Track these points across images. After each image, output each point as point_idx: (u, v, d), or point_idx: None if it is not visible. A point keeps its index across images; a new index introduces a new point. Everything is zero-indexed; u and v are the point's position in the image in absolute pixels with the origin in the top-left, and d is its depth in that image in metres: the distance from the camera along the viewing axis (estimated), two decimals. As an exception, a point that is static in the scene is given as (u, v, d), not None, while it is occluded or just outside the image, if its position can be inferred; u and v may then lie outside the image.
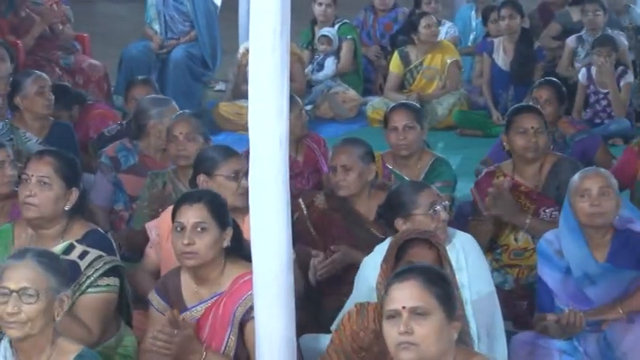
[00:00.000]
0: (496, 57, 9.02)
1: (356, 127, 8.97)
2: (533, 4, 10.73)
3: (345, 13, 10.22)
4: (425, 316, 3.30)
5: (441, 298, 3.33)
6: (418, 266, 3.51)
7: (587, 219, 4.53)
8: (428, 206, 4.47)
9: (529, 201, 5.42)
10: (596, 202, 4.50)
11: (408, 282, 3.35)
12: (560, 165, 5.40)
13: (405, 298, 3.32)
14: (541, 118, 5.50)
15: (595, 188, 4.52)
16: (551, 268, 4.64)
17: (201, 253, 4.03)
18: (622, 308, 4.41)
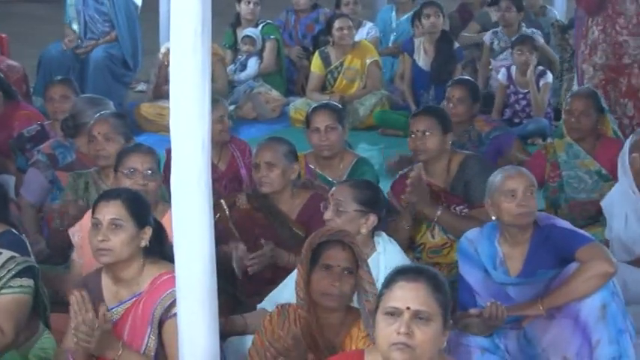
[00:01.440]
0: (417, 57, 9.08)
1: (279, 127, 8.98)
2: (453, 5, 10.83)
3: (266, 14, 10.21)
4: (426, 321, 3.28)
5: (442, 305, 3.32)
6: (424, 268, 3.47)
7: (513, 219, 4.57)
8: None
9: (439, 200, 5.47)
10: (523, 202, 4.54)
11: (417, 284, 3.31)
12: (466, 163, 5.46)
13: (411, 298, 3.28)
14: (429, 121, 5.50)
15: (521, 188, 4.56)
16: (472, 266, 4.67)
17: (115, 250, 4.00)
18: (542, 305, 4.45)
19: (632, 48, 6.52)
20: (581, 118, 6.08)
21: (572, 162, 6.14)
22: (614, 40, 6.60)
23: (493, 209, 4.61)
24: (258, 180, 5.26)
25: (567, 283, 4.41)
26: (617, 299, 4.41)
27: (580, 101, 6.10)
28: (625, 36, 6.57)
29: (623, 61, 6.57)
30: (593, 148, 6.13)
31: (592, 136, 6.13)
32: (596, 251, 4.43)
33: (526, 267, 4.59)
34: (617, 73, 6.60)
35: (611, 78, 6.63)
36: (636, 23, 6.48)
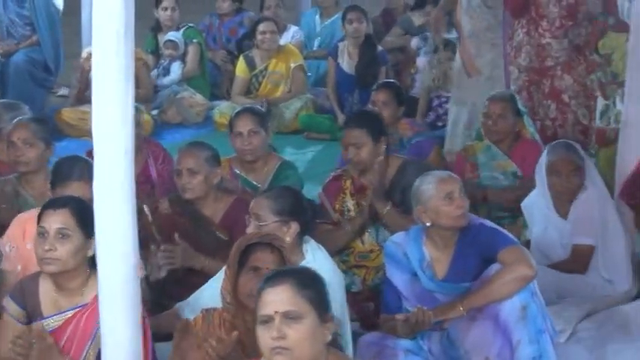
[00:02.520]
0: (341, 61, 9.11)
1: (203, 131, 8.95)
2: (377, 9, 10.89)
3: (189, 17, 10.17)
4: (297, 320, 3.30)
5: (313, 301, 3.34)
6: (290, 269, 3.51)
7: (453, 221, 4.60)
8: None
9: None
10: (461, 204, 4.58)
11: (280, 286, 3.34)
12: (404, 168, 5.48)
13: (277, 302, 3.31)
14: (358, 133, 5.46)
15: (456, 190, 4.60)
16: (399, 269, 4.69)
17: (62, 259, 3.94)
18: (462, 306, 4.48)
19: (555, 50, 6.60)
20: (498, 120, 6.17)
21: (489, 163, 6.22)
22: (537, 43, 6.68)
23: (427, 215, 4.62)
24: (180, 186, 5.24)
25: (488, 284, 4.45)
26: (536, 300, 4.46)
27: (497, 104, 6.19)
28: (548, 38, 6.65)
29: (546, 64, 6.65)
30: (510, 150, 6.22)
31: (510, 138, 6.22)
32: (518, 254, 4.47)
33: (452, 269, 4.63)
34: (541, 75, 6.67)
35: (534, 80, 6.71)
36: (559, 26, 6.56)
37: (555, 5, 6.56)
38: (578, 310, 5.21)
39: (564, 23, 6.56)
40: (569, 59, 6.58)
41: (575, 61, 6.57)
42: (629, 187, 5.65)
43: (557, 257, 5.49)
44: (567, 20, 6.54)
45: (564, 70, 6.60)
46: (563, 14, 6.55)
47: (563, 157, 5.50)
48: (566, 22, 6.55)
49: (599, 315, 5.22)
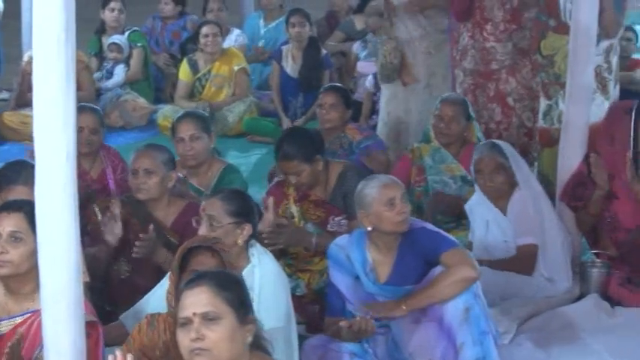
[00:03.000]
0: (285, 64, 9.11)
1: (147, 135, 8.90)
2: (321, 12, 10.91)
3: (132, 20, 10.11)
4: (216, 321, 3.30)
5: (232, 302, 3.34)
6: (209, 272, 3.50)
7: (395, 227, 4.61)
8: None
9: (319, 210, 5.50)
10: (403, 210, 4.59)
11: (198, 288, 3.34)
12: (345, 174, 5.47)
13: (195, 304, 3.32)
14: (295, 152, 5.41)
15: (398, 196, 4.61)
16: (342, 272, 4.71)
17: (14, 262, 3.89)
18: (405, 305, 4.51)
19: (500, 54, 6.65)
20: (450, 124, 6.19)
21: (437, 167, 6.23)
22: (482, 46, 6.72)
23: (369, 219, 4.63)
24: (135, 186, 5.21)
25: (431, 286, 4.48)
26: (479, 302, 4.49)
27: (450, 107, 6.21)
28: (492, 42, 6.69)
29: (490, 67, 6.69)
30: (458, 154, 6.24)
31: (458, 142, 6.24)
32: (460, 256, 4.50)
33: (394, 272, 4.65)
34: (486, 78, 6.71)
35: (479, 83, 6.75)
36: (503, 30, 6.61)
37: (499, 9, 6.61)
38: (522, 312, 5.25)
39: (508, 27, 6.61)
40: (514, 62, 6.63)
41: (520, 64, 6.61)
42: (571, 189, 5.71)
43: (501, 255, 5.53)
44: (511, 24, 6.59)
45: (509, 74, 6.65)
46: (507, 18, 6.60)
47: (485, 156, 5.56)
48: (510, 25, 6.60)
49: (542, 316, 5.27)
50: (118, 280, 5.13)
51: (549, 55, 6.39)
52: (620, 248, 5.59)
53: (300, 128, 5.74)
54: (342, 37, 10.19)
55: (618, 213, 5.56)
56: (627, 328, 5.14)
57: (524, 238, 5.48)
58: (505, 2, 6.59)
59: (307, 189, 5.51)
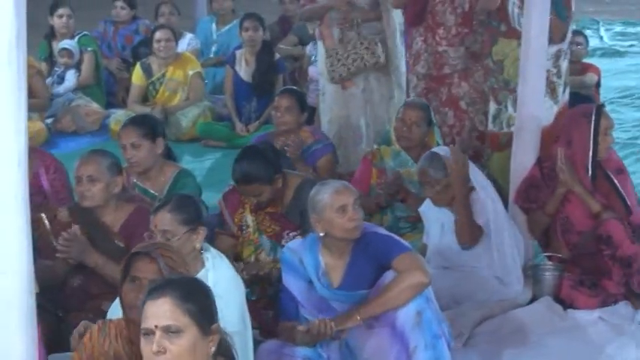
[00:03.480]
0: (238, 69, 9.09)
1: (99, 140, 8.85)
2: (274, 16, 10.90)
3: (82, 25, 10.05)
4: (178, 334, 3.27)
5: (194, 314, 3.30)
6: (173, 281, 3.45)
7: (346, 233, 4.61)
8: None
9: (274, 223, 5.49)
10: (355, 216, 4.59)
11: (161, 299, 3.30)
12: (303, 188, 5.41)
13: (158, 316, 3.28)
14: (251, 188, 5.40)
15: (350, 202, 4.61)
16: (296, 277, 4.70)
17: None
18: (360, 315, 4.51)
19: (452, 58, 6.68)
20: (412, 128, 6.19)
21: (398, 170, 6.23)
22: (434, 50, 6.75)
23: (321, 225, 4.63)
24: (79, 193, 5.17)
25: (383, 293, 4.48)
26: (431, 305, 4.51)
27: (413, 111, 6.21)
28: (444, 46, 6.73)
29: (443, 71, 6.72)
30: (418, 158, 6.23)
31: (419, 146, 6.24)
32: (412, 261, 4.51)
33: (347, 277, 4.65)
34: (438, 82, 6.75)
35: (432, 87, 6.78)
36: (455, 34, 6.64)
37: (452, 13, 6.64)
38: (475, 315, 5.27)
39: (460, 31, 6.64)
40: (467, 67, 6.66)
41: (473, 68, 6.65)
42: (524, 191, 5.75)
43: (456, 258, 5.55)
44: (463, 28, 6.63)
45: (461, 78, 6.68)
46: (459, 22, 6.63)
47: (426, 169, 5.58)
48: (462, 29, 6.63)
49: (495, 320, 5.30)
50: (70, 287, 5.09)
51: (499, 60, 6.44)
52: (572, 251, 5.63)
53: (257, 148, 5.61)
54: (294, 40, 10.19)
55: (570, 215, 5.61)
56: (579, 331, 5.19)
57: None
58: (457, 7, 6.62)
59: (266, 206, 5.48)
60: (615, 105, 10.08)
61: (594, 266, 5.49)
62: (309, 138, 6.74)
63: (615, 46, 13.32)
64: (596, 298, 5.40)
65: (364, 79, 7.36)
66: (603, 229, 5.38)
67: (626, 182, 5.63)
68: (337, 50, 7.33)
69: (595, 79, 8.69)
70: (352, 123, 7.40)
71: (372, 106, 7.39)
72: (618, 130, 8.95)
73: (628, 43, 13.51)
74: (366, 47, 7.26)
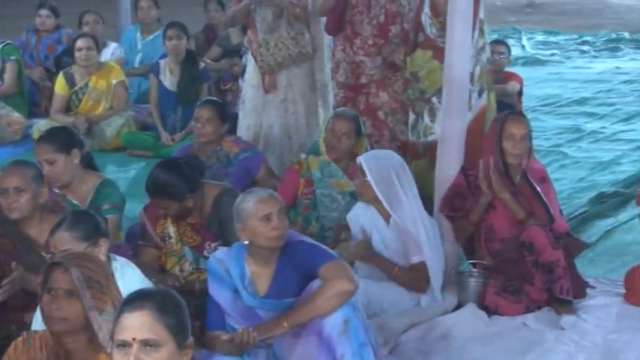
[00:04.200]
0: (163, 78, 9.04)
1: (21, 150, 8.74)
2: (199, 25, 10.87)
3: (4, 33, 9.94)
4: (156, 348, 3.21)
5: (173, 328, 3.25)
6: (153, 292, 3.40)
7: (269, 242, 4.61)
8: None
9: (195, 234, 5.45)
10: (279, 225, 4.59)
11: (140, 311, 3.23)
12: (221, 198, 5.38)
13: (137, 328, 3.21)
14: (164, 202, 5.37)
15: (275, 211, 4.60)
16: (222, 286, 4.69)
17: None
18: (286, 322, 4.52)
19: (369, 68, 6.73)
20: (342, 139, 6.20)
21: (326, 181, 6.23)
22: (352, 60, 6.81)
23: (246, 234, 4.63)
24: (6, 205, 5.09)
25: (310, 300, 4.49)
26: (358, 314, 4.53)
27: (343, 122, 6.20)
28: (362, 56, 6.79)
29: (360, 81, 6.77)
30: (347, 169, 6.24)
31: (347, 157, 6.25)
32: (338, 269, 4.52)
33: (273, 285, 4.65)
34: (356, 92, 6.79)
35: (350, 96, 6.82)
36: (372, 44, 6.69)
37: (368, 24, 6.70)
38: (401, 322, 5.30)
39: (377, 42, 6.69)
40: (384, 77, 6.72)
41: (392, 78, 6.70)
42: (449, 200, 5.79)
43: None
44: (379, 39, 6.68)
45: (379, 88, 6.73)
46: (375, 33, 6.68)
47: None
48: (379, 40, 6.68)
49: (421, 326, 5.33)
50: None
51: (414, 71, 6.51)
52: (495, 258, 5.69)
53: (176, 162, 5.56)
54: (219, 52, 10.17)
55: (494, 223, 5.67)
56: (503, 337, 5.24)
57: (416, 257, 5.51)
58: (373, 18, 6.67)
59: (178, 219, 5.45)
60: (537, 113, 10.23)
61: (518, 273, 5.55)
62: (233, 147, 6.72)
63: (537, 54, 13.52)
64: (519, 305, 5.46)
65: (289, 89, 7.34)
66: (526, 236, 5.44)
67: (548, 190, 5.70)
68: (267, 40, 7.33)
69: (517, 87, 8.79)
70: (271, 132, 7.39)
71: (296, 118, 7.39)
72: (540, 138, 9.10)
73: (549, 52, 13.72)
74: (292, 37, 7.28)
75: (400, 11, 6.74)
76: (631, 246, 6.54)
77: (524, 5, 17.91)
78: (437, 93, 6.45)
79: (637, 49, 13.88)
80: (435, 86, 6.44)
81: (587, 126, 9.73)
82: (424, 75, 6.45)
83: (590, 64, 12.96)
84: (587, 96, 11.01)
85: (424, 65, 6.43)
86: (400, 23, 6.73)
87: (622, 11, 17.57)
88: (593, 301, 5.55)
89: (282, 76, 7.36)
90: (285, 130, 7.37)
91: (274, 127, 7.37)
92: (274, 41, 7.29)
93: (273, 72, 7.35)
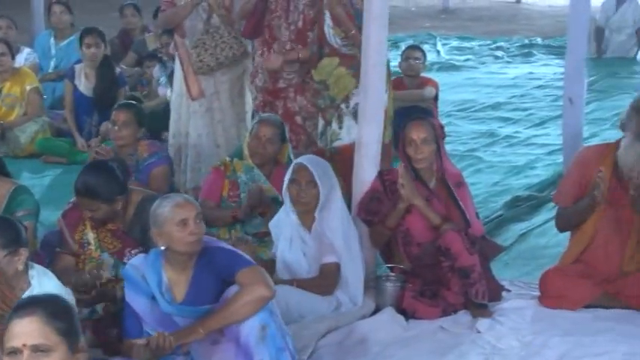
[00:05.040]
0: (78, 83, 8.96)
1: None
2: (114, 30, 10.80)
3: None
4: (47, 352, 3.22)
5: (63, 332, 3.25)
6: (41, 298, 3.39)
7: (186, 247, 4.60)
8: None
9: (115, 240, 5.41)
10: (196, 230, 4.59)
11: (29, 317, 3.24)
12: (144, 205, 5.31)
13: (26, 334, 3.21)
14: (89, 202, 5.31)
15: (192, 216, 4.60)
16: (138, 293, 4.66)
17: None
18: (202, 329, 4.50)
19: (287, 72, 6.74)
20: (267, 144, 6.19)
21: (250, 185, 6.23)
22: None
23: (162, 239, 4.62)
24: None
25: (226, 306, 4.49)
26: (275, 319, 4.54)
27: (268, 128, 6.19)
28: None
29: (278, 85, 6.78)
30: (270, 175, 6.24)
31: (271, 163, 6.25)
32: (255, 275, 4.52)
33: (190, 292, 4.64)
34: (274, 96, 6.80)
35: (268, 101, 6.82)
36: (289, 49, 6.71)
37: (286, 29, 6.71)
38: (320, 327, 5.31)
39: (294, 47, 6.71)
40: (302, 81, 6.74)
41: (310, 83, 6.73)
42: (366, 204, 5.82)
43: (302, 272, 5.57)
44: (297, 44, 6.70)
45: (297, 92, 6.75)
46: (292, 38, 6.70)
47: (302, 167, 5.57)
48: (296, 45, 6.70)
49: (339, 331, 5.35)
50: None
51: (322, 80, 6.57)
52: (412, 262, 5.74)
53: (105, 164, 5.50)
54: (134, 58, 10.11)
55: (411, 228, 5.71)
56: (421, 341, 5.28)
57: (328, 257, 5.54)
58: (291, 23, 6.69)
59: (107, 222, 5.41)
60: (453, 118, 10.34)
61: (435, 277, 5.61)
62: (145, 152, 6.68)
63: (452, 60, 13.66)
64: (436, 308, 5.52)
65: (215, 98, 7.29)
66: (442, 241, 5.50)
67: (464, 194, 5.77)
68: (204, 40, 7.25)
69: (433, 92, 8.88)
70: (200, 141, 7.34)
71: (223, 127, 7.34)
72: (456, 142, 9.20)
73: (464, 58, 13.87)
74: (234, 36, 7.22)
75: (319, 17, 6.77)
76: (545, 249, 6.63)
77: (439, 11, 18.09)
78: (345, 99, 6.53)
79: (549, 54, 14.10)
80: (344, 92, 6.52)
81: (502, 130, 9.86)
82: (333, 82, 6.54)
83: (504, 70, 13.14)
84: (501, 101, 11.17)
85: (332, 72, 6.52)
86: (318, 29, 6.76)
87: (535, 17, 17.84)
88: (508, 304, 5.62)
89: (208, 84, 7.30)
90: (213, 139, 7.32)
91: (202, 137, 7.32)
92: (214, 42, 7.22)
93: (213, 73, 7.27)
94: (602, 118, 9.70)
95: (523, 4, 19.34)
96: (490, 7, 19.06)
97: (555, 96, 10.99)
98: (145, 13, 10.95)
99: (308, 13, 6.64)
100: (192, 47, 7.26)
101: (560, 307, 5.56)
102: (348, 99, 6.58)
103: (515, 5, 19.35)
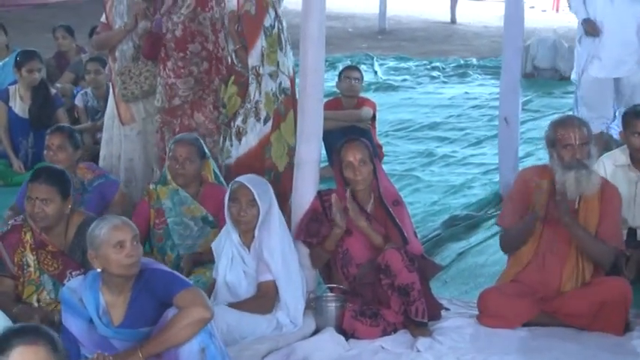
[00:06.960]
0: (13, 104, 8.87)
1: None
2: (50, 51, 10.73)
3: None
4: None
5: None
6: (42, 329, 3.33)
7: (124, 269, 4.57)
8: None
9: (56, 261, 5.37)
10: (132, 252, 4.55)
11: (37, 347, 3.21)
12: (85, 227, 5.19)
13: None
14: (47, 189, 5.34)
15: (128, 238, 4.57)
16: (76, 316, 4.62)
17: None
18: (142, 353, 4.47)
19: (182, 90, 6.75)
20: (186, 164, 6.15)
21: (177, 209, 6.17)
22: (165, 83, 6.82)
23: (99, 261, 4.58)
24: None
25: (165, 330, 4.46)
26: (215, 341, 4.52)
27: (184, 147, 6.16)
28: (173, 78, 6.79)
29: (174, 103, 6.79)
30: (197, 194, 6.21)
31: (196, 181, 6.22)
32: (193, 297, 4.50)
33: (128, 315, 4.61)
34: (171, 115, 6.80)
35: (166, 120, 6.82)
36: (182, 66, 6.72)
37: (176, 49, 6.74)
38: (261, 348, 5.28)
39: (185, 64, 6.74)
40: (199, 98, 6.76)
41: (207, 100, 6.75)
42: (305, 225, 5.81)
43: (242, 291, 5.55)
44: (178, 53, 6.74)
45: (194, 109, 6.76)
46: (173, 47, 6.73)
47: (241, 186, 5.55)
48: (182, 56, 6.74)
49: (280, 351, 5.33)
50: None
51: (222, 97, 6.66)
52: (352, 282, 5.74)
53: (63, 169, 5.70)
54: (71, 77, 10.05)
55: (350, 249, 5.72)
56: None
57: (264, 275, 5.52)
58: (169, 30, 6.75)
59: (44, 230, 5.34)
60: (390, 138, 10.38)
61: (374, 296, 5.62)
62: (87, 174, 6.62)
63: (389, 80, 13.73)
64: (376, 328, 5.52)
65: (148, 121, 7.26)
66: (382, 259, 5.51)
67: (402, 213, 5.79)
68: (130, 68, 7.22)
69: (371, 112, 8.91)
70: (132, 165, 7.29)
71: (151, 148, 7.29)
72: (394, 162, 9.24)
73: (401, 78, 13.95)
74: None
75: (201, 30, 6.75)
76: (483, 268, 6.68)
77: (376, 32, 18.17)
78: (233, 117, 6.60)
79: (485, 74, 14.23)
80: (233, 109, 6.56)
81: (439, 150, 9.93)
82: (227, 100, 6.61)
83: (441, 90, 13.23)
84: (438, 121, 11.24)
85: (227, 90, 6.58)
86: (201, 42, 6.75)
87: (469, 37, 18.00)
88: (447, 323, 5.65)
89: (139, 108, 7.27)
90: (146, 162, 7.27)
91: (134, 160, 7.27)
92: (138, 69, 7.19)
93: (138, 101, 7.25)
94: (537, 137, 9.78)
95: (458, 25, 19.50)
96: (426, 27, 19.19)
97: (491, 116, 11.08)
98: (80, 35, 10.87)
99: (189, 25, 6.67)
100: (118, 74, 7.25)
101: (499, 326, 5.59)
102: (236, 117, 6.61)
103: (451, 26, 19.51)
